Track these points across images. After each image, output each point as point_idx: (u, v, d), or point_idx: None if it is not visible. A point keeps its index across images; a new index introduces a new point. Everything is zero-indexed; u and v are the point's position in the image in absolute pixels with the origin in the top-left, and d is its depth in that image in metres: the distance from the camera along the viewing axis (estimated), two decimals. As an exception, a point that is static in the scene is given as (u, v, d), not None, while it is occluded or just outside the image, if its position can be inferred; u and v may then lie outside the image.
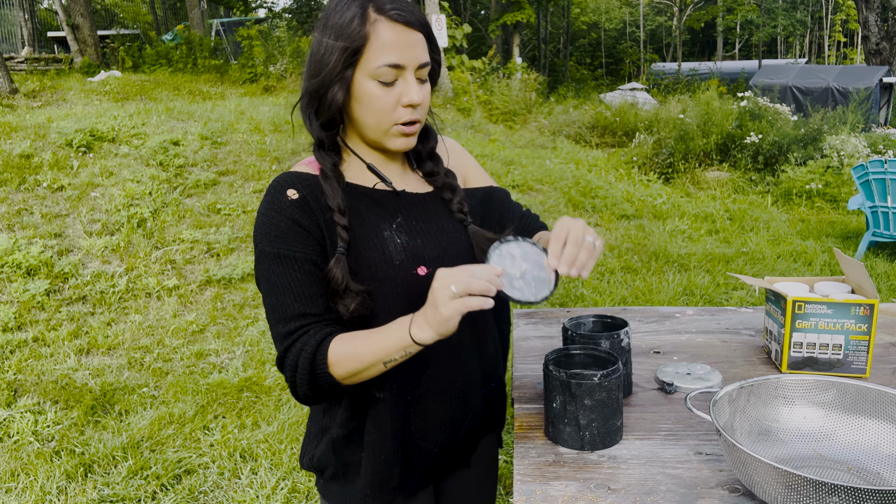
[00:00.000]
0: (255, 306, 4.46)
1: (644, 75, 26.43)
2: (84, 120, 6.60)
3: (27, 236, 4.66)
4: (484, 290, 0.91)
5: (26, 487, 2.65)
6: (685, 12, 27.85)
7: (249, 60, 12.24)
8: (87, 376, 3.55)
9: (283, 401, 3.32)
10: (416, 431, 1.16)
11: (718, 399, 1.01)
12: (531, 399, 1.31)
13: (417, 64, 1.05)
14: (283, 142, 6.91)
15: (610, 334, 1.25)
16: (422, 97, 1.06)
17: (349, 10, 1.02)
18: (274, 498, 2.58)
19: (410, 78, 1.04)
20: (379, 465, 1.14)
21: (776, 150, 8.98)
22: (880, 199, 5.86)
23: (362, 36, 1.01)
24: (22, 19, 16.02)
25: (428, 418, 1.16)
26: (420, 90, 1.06)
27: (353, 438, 1.16)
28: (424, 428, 1.17)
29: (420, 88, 1.06)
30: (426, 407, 1.15)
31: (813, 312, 1.32)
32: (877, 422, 1.02)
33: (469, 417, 1.21)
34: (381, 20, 1.02)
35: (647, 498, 0.96)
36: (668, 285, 4.92)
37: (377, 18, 1.02)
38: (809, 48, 39.36)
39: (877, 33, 14.92)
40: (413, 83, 1.05)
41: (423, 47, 1.06)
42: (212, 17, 19.84)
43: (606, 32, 37.01)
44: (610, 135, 10.86)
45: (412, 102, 1.05)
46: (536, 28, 24.70)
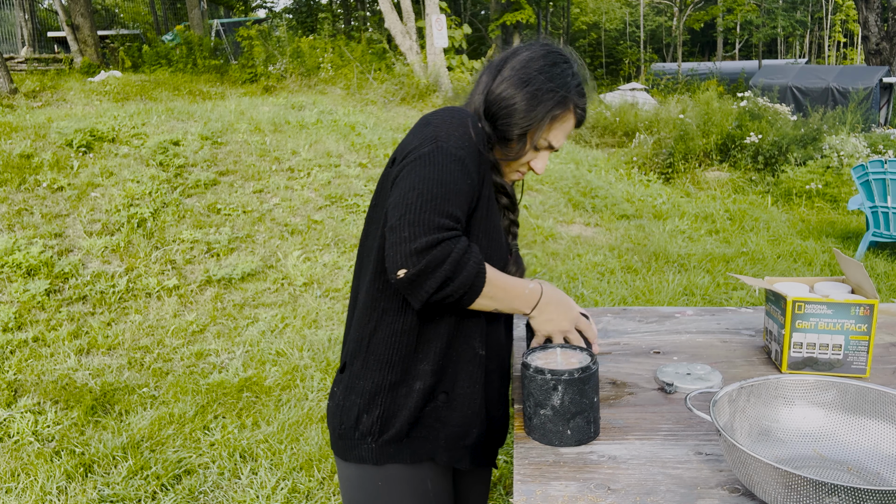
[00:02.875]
0: (254, 306, 4.46)
1: (644, 75, 26.42)
2: (84, 120, 6.60)
3: (27, 236, 4.66)
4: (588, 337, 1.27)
5: (26, 487, 2.65)
6: (685, 12, 27.84)
7: (249, 60, 12.24)
8: (87, 376, 3.55)
9: (283, 401, 3.32)
10: (490, 402, 1.25)
11: (718, 399, 1.01)
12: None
13: (558, 150, 1.26)
14: (282, 142, 6.91)
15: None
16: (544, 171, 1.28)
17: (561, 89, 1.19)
18: (274, 498, 2.58)
19: (547, 155, 1.25)
20: (465, 418, 1.20)
21: (776, 150, 8.98)
22: (880, 199, 5.86)
23: (560, 114, 1.20)
24: (22, 19, 16.02)
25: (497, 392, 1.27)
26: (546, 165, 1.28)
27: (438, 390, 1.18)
28: (496, 402, 1.27)
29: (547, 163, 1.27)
30: (495, 380, 1.26)
31: (813, 312, 1.32)
32: (877, 422, 1.02)
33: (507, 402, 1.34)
34: (572, 112, 1.23)
35: (647, 498, 0.96)
36: (668, 285, 4.92)
37: (573, 109, 1.23)
38: (809, 48, 39.36)
39: (877, 33, 14.92)
40: (547, 159, 1.26)
41: None
42: (212, 18, 19.84)
43: (606, 32, 37.00)
44: (610, 135, 10.86)
45: (538, 172, 1.26)
46: (536, 28, 24.71)
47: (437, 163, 1.07)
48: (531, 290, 1.18)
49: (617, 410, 1.24)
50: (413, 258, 1.02)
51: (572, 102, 1.20)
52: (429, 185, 1.05)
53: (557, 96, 1.17)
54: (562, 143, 1.22)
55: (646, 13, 37.45)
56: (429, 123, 1.13)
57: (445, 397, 1.18)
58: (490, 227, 1.18)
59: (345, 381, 1.22)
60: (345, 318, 4.25)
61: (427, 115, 1.16)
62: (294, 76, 11.75)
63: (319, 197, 5.99)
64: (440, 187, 1.06)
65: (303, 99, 9.43)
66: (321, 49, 12.33)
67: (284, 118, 7.67)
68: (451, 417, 1.19)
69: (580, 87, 1.22)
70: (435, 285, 1.04)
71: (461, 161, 1.09)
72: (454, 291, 1.06)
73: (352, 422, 1.19)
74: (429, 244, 1.02)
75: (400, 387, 1.17)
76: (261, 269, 4.87)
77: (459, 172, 1.08)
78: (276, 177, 6.18)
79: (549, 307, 1.20)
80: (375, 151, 7.08)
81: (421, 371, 1.16)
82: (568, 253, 5.76)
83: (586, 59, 34.51)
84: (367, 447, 1.19)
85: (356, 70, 11.60)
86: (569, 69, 1.20)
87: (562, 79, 1.18)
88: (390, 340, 1.17)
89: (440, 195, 1.05)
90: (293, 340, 3.97)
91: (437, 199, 1.05)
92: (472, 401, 1.20)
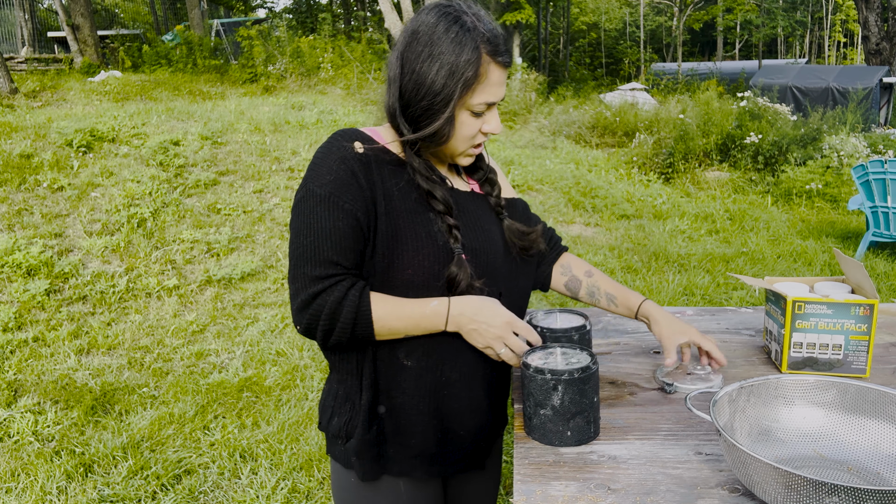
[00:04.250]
0: (254, 306, 4.46)
1: (644, 75, 26.42)
2: (84, 120, 6.60)
3: (27, 236, 4.66)
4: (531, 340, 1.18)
5: (26, 487, 2.65)
6: (685, 12, 27.84)
7: (249, 60, 12.24)
8: (87, 376, 3.55)
9: (283, 401, 3.32)
10: (449, 414, 1.21)
11: (718, 399, 1.01)
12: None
13: (502, 99, 1.17)
14: (282, 142, 6.91)
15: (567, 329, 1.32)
16: (501, 127, 1.19)
17: (465, 51, 1.09)
18: (274, 498, 2.58)
19: (495, 111, 1.17)
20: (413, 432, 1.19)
21: (776, 150, 8.98)
22: (880, 199, 5.86)
23: (476, 77, 1.10)
24: (22, 19, 16.02)
25: (461, 402, 1.21)
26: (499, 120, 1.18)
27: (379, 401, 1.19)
28: (458, 412, 1.21)
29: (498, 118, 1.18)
30: (458, 392, 1.21)
31: (813, 312, 1.32)
32: (877, 422, 1.02)
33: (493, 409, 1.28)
34: (493, 64, 1.12)
35: (647, 498, 0.96)
36: (668, 285, 4.92)
37: (489, 61, 1.11)
38: (809, 48, 39.36)
39: (877, 33, 14.92)
40: (496, 115, 1.17)
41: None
42: (212, 18, 19.85)
43: (606, 32, 36.99)
44: (610, 135, 10.86)
45: (494, 132, 1.17)
46: (536, 28, 24.70)
47: (305, 210, 1.10)
48: (433, 308, 1.12)
49: (617, 410, 1.24)
50: (296, 316, 1.11)
51: (485, 53, 1.10)
52: (301, 237, 1.09)
53: (467, 58, 1.08)
54: (502, 94, 1.15)
55: (646, 13, 37.44)
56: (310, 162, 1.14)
57: (384, 410, 1.19)
58: (415, 236, 1.12)
59: (327, 381, 1.27)
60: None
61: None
62: (294, 76, 11.75)
63: (319, 197, 5.99)
64: (310, 235, 1.09)
65: (303, 99, 9.43)
66: (321, 49, 12.33)
67: (284, 118, 7.67)
68: (396, 430, 1.19)
69: (486, 35, 1.10)
70: (321, 337, 1.11)
71: (328, 200, 1.08)
72: (341, 336, 1.10)
73: (326, 420, 1.24)
74: (305, 301, 1.09)
75: (350, 399, 1.20)
76: (261, 269, 4.87)
77: (327, 213, 1.08)
78: (276, 177, 6.18)
79: (464, 318, 1.13)
80: (375, 151, 7.07)
81: (362, 385, 1.18)
82: (568, 253, 5.76)
83: (586, 59, 34.55)
84: (340, 449, 1.23)
85: (356, 70, 11.60)
86: (467, 23, 1.09)
87: (462, 39, 1.08)
88: (340, 356, 1.20)
89: (311, 245, 1.08)
90: (293, 340, 3.97)
91: (308, 250, 1.09)
92: (416, 413, 1.18)
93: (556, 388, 1.07)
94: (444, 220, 1.15)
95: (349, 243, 1.09)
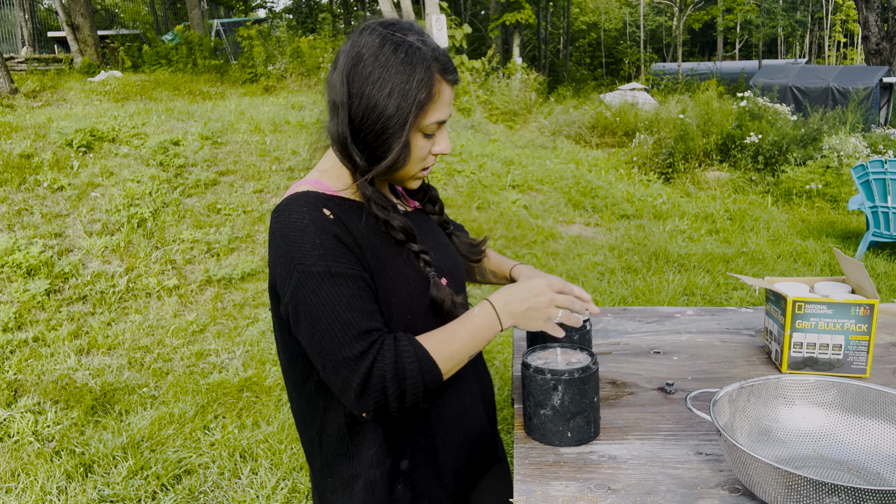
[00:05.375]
0: (254, 306, 4.46)
1: (644, 75, 26.42)
2: (84, 120, 6.60)
3: (27, 236, 4.66)
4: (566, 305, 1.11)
5: (26, 487, 2.65)
6: (685, 12, 27.84)
7: (249, 60, 12.24)
8: (87, 376, 3.55)
9: (283, 401, 3.32)
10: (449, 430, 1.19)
11: (718, 399, 1.01)
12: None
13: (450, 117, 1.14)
14: (282, 142, 6.91)
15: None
16: (450, 147, 1.15)
17: (417, 71, 1.05)
18: (274, 498, 2.58)
19: (445, 131, 1.14)
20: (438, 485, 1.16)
21: (776, 150, 8.98)
22: (880, 199, 5.86)
23: (429, 97, 1.07)
24: (22, 19, 16.03)
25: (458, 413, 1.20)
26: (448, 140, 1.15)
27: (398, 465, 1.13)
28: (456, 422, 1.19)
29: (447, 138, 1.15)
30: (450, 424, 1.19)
31: (813, 312, 1.32)
32: (877, 422, 1.02)
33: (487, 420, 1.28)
34: (444, 83, 1.09)
35: (647, 498, 0.96)
36: (668, 285, 4.92)
37: (440, 80, 1.09)
38: (809, 48, 39.35)
39: (877, 33, 14.92)
40: (446, 135, 1.14)
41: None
42: (212, 17, 19.85)
43: (606, 32, 36.98)
44: (610, 135, 10.86)
45: (444, 152, 1.14)
46: (536, 28, 24.71)
47: (311, 293, 1.00)
48: (480, 315, 1.08)
49: (617, 410, 1.24)
50: (360, 402, 0.99)
51: (436, 72, 1.08)
52: (321, 324, 1.00)
53: (416, 82, 1.05)
54: (450, 113, 1.12)
55: (646, 13, 37.43)
56: (276, 236, 1.04)
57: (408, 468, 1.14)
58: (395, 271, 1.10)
59: (315, 481, 1.20)
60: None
61: (273, 223, 1.06)
62: (294, 76, 11.76)
63: (319, 197, 5.99)
64: (329, 316, 0.99)
65: (303, 99, 9.43)
66: (321, 49, 12.33)
67: (284, 118, 7.67)
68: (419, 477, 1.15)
69: (434, 53, 1.08)
70: (396, 407, 1.01)
71: (328, 274, 1.01)
72: (416, 393, 1.01)
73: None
74: (362, 383, 0.98)
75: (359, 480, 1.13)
76: (261, 269, 4.87)
77: (334, 286, 1.01)
78: (276, 177, 6.18)
79: (515, 304, 1.09)
80: (375, 151, 7.07)
81: (372, 458, 1.12)
82: (568, 253, 5.77)
83: (586, 59, 34.55)
84: None
85: (356, 70, 11.58)
86: (414, 43, 1.07)
87: (411, 59, 1.05)
88: (340, 436, 1.13)
89: (336, 325, 0.99)
90: (293, 340, 3.97)
91: (337, 333, 0.99)
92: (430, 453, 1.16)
93: (556, 388, 1.07)
94: (409, 249, 1.12)
95: (368, 304, 1.03)
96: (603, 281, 5.06)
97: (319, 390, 1.12)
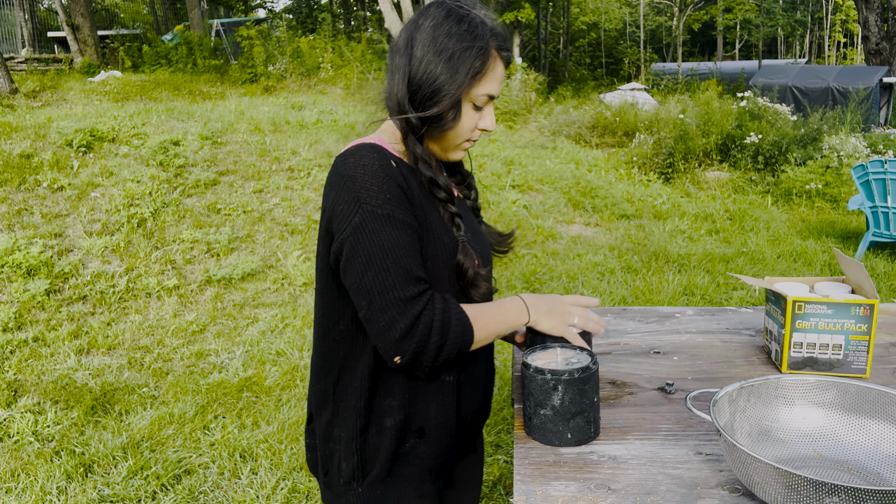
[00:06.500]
0: (254, 306, 4.46)
1: (644, 75, 26.42)
2: (84, 120, 6.60)
3: (27, 236, 4.66)
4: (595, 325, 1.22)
5: (26, 487, 2.65)
6: (685, 12, 27.84)
7: (249, 60, 12.24)
8: (87, 376, 3.55)
9: (283, 401, 3.32)
10: (465, 415, 1.23)
11: (718, 399, 1.01)
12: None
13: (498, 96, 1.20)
14: (282, 142, 6.91)
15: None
16: (495, 124, 1.22)
17: (476, 41, 1.13)
18: (274, 498, 2.58)
19: (492, 108, 1.20)
20: (444, 448, 1.19)
21: (776, 150, 8.98)
22: (880, 199, 5.86)
23: (483, 67, 1.14)
24: (22, 19, 16.03)
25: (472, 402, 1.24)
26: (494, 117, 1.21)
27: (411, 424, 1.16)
28: (471, 411, 1.24)
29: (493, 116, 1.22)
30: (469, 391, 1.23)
31: (813, 312, 1.32)
32: (877, 422, 1.02)
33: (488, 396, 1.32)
34: (498, 59, 1.16)
35: (647, 498, 0.96)
36: (668, 285, 4.92)
37: (496, 55, 1.16)
38: (809, 48, 39.35)
39: (877, 33, 14.92)
40: (492, 112, 1.21)
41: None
42: (212, 18, 19.85)
43: (606, 32, 36.98)
44: (610, 135, 10.86)
45: (489, 129, 1.20)
46: (536, 28, 24.71)
47: (372, 232, 1.04)
48: (513, 304, 1.17)
49: (617, 410, 1.24)
50: (400, 345, 1.02)
51: (493, 48, 1.15)
52: (378, 262, 1.03)
53: (475, 50, 1.13)
54: (500, 89, 1.19)
55: (646, 13, 37.44)
56: (344, 177, 1.08)
57: (420, 432, 1.16)
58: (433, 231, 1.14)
59: (318, 432, 1.21)
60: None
61: (339, 165, 1.10)
62: (294, 76, 11.76)
63: (319, 197, 5.99)
64: (387, 258, 1.03)
65: (303, 99, 9.43)
66: (321, 49, 12.34)
67: (284, 118, 7.67)
68: (430, 451, 1.18)
69: (493, 30, 1.16)
70: (431, 358, 1.05)
71: (391, 218, 1.05)
72: (451, 350, 1.06)
73: (335, 469, 1.18)
74: (407, 326, 1.01)
75: (370, 427, 1.15)
76: (261, 269, 4.87)
77: (396, 231, 1.05)
78: (276, 177, 6.18)
79: (541, 303, 1.19)
80: (375, 151, 7.07)
81: (388, 407, 1.14)
82: (568, 253, 5.76)
83: (586, 59, 34.55)
84: (354, 493, 1.17)
85: (356, 70, 11.60)
86: (476, 18, 1.15)
87: (473, 31, 1.13)
88: (355, 385, 1.15)
89: (392, 266, 1.02)
90: (293, 340, 3.97)
91: (392, 273, 1.02)
92: (447, 430, 1.19)
93: (556, 388, 1.07)
94: (446, 209, 1.17)
95: (419, 256, 1.08)
96: (603, 281, 5.06)
97: (344, 338, 1.15)
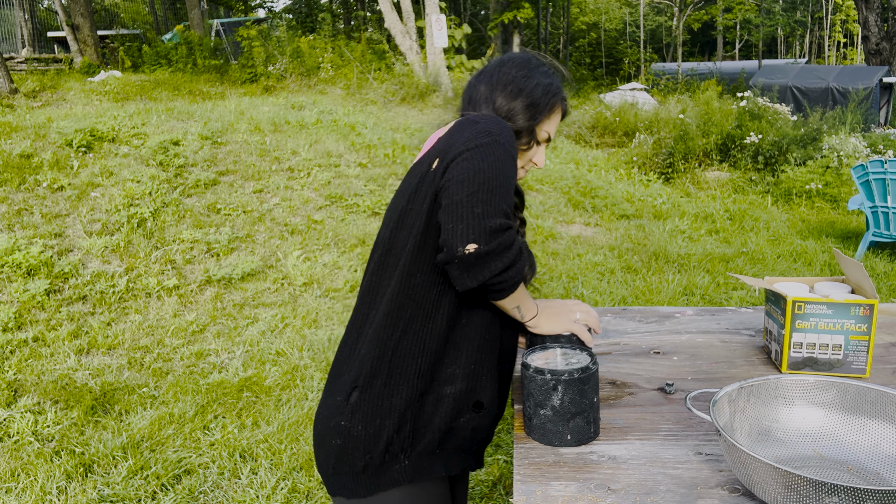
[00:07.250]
0: (254, 306, 4.46)
1: (644, 75, 26.41)
2: (84, 120, 6.60)
3: (27, 236, 4.66)
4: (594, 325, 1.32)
5: (26, 487, 2.65)
6: (685, 12, 27.84)
7: (249, 60, 12.24)
8: (87, 376, 3.55)
9: (283, 401, 3.32)
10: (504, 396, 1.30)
11: (718, 399, 1.01)
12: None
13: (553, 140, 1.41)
14: (282, 142, 6.91)
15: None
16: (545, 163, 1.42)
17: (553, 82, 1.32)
18: (274, 498, 2.58)
19: (544, 148, 1.35)
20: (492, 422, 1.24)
21: (776, 150, 8.98)
22: (880, 199, 5.86)
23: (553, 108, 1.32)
24: (22, 19, 16.03)
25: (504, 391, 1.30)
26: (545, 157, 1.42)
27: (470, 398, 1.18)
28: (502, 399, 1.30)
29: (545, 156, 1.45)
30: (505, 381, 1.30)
31: (813, 313, 1.32)
32: (877, 422, 1.02)
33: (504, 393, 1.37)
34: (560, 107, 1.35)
35: (647, 498, 0.96)
36: (668, 285, 4.92)
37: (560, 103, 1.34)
38: (809, 48, 39.34)
39: (877, 33, 14.92)
40: (544, 152, 1.36)
41: None
42: (212, 17, 19.84)
43: (606, 32, 36.97)
44: (610, 135, 10.86)
45: (539, 166, 1.36)
46: (536, 28, 24.71)
47: (497, 155, 1.09)
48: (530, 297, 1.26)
49: (617, 410, 1.24)
50: (487, 235, 1.01)
51: (559, 97, 1.32)
52: (494, 173, 1.06)
53: (556, 86, 1.32)
54: (554, 134, 1.36)
55: (646, 13, 37.42)
56: (478, 122, 1.15)
57: (478, 407, 1.17)
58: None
59: (363, 409, 1.13)
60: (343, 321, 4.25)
61: (472, 116, 1.19)
62: (294, 76, 11.75)
63: (319, 197, 5.99)
64: (502, 178, 1.07)
65: (303, 99, 9.43)
66: (321, 49, 12.33)
67: (284, 118, 7.67)
68: (483, 425, 1.21)
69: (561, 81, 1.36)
70: (500, 267, 1.04)
71: (513, 159, 1.13)
72: (510, 278, 1.06)
73: (381, 448, 1.11)
74: (501, 226, 1.03)
75: (428, 395, 1.12)
76: (261, 269, 4.87)
77: (512, 170, 1.11)
78: (276, 177, 6.18)
79: (546, 304, 1.28)
80: (375, 151, 7.08)
81: (450, 375, 1.13)
82: (568, 253, 5.76)
83: (586, 59, 34.55)
84: (400, 466, 1.12)
85: (356, 70, 11.60)
86: (550, 69, 1.34)
87: (547, 79, 1.31)
88: (416, 349, 1.12)
89: (502, 186, 1.06)
90: (293, 340, 3.97)
91: (501, 189, 1.06)
92: (492, 412, 1.23)
93: (556, 388, 1.07)
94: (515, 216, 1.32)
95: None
96: (603, 281, 5.06)
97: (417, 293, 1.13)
